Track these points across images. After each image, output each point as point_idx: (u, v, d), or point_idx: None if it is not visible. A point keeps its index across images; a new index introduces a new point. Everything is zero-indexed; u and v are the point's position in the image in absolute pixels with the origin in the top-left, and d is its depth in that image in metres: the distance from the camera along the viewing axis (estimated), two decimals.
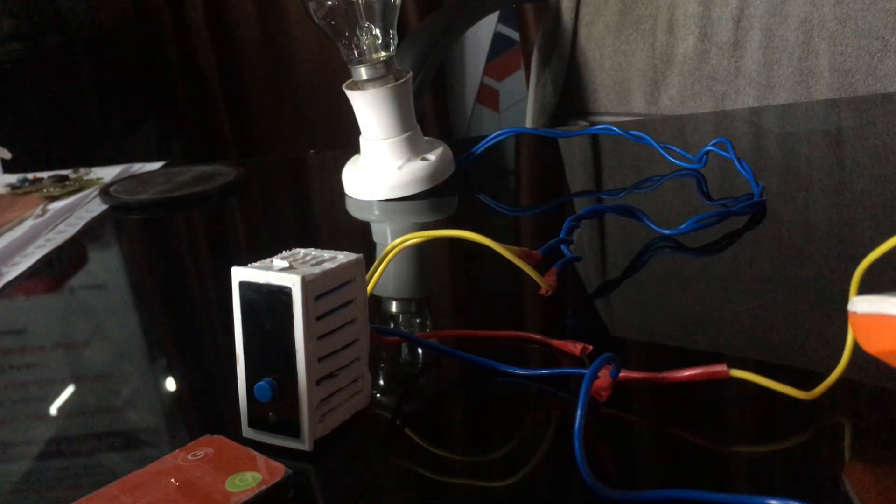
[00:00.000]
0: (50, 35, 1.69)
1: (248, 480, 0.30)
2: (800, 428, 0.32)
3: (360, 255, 0.34)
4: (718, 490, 0.28)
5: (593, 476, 0.29)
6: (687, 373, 0.34)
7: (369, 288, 0.42)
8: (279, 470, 0.31)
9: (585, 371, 0.36)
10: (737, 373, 0.33)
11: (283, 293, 0.31)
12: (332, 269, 0.32)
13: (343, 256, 0.33)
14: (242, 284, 0.31)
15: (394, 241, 0.44)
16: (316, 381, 0.32)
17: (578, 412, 0.31)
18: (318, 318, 0.32)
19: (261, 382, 0.32)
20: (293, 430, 0.32)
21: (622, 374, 0.35)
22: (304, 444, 0.33)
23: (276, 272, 0.31)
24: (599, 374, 0.34)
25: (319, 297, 0.31)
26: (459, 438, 0.36)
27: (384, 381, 0.39)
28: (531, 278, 0.43)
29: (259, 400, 0.33)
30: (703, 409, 0.35)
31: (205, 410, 0.39)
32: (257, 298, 0.31)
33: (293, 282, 0.30)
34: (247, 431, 0.34)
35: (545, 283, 0.43)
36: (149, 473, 0.31)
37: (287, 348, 0.31)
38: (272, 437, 0.33)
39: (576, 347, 0.38)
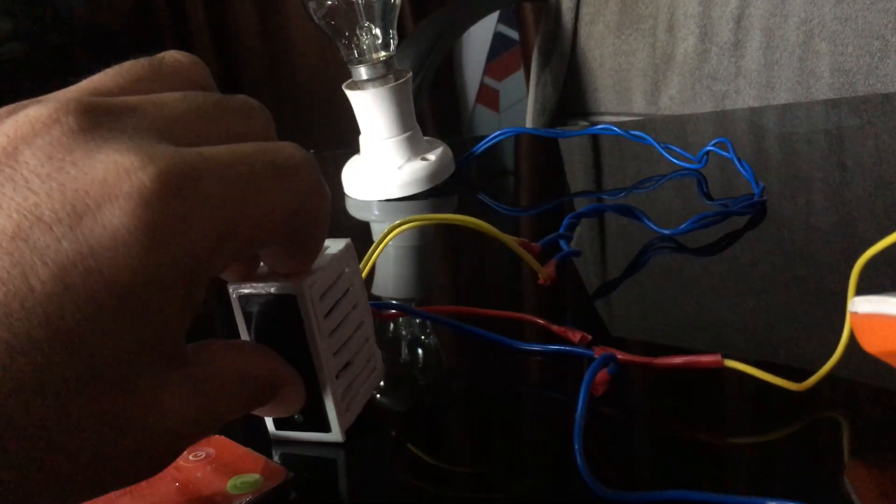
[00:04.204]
0: (50, 35, 1.69)
1: (250, 483, 0.31)
2: (795, 422, 0.33)
3: (349, 240, 0.34)
4: (714, 487, 0.28)
5: (593, 476, 0.29)
6: (680, 359, 0.34)
7: (367, 269, 0.42)
8: (280, 472, 0.31)
9: (587, 351, 0.36)
10: (730, 363, 0.33)
11: (288, 300, 0.30)
12: (327, 265, 0.32)
13: (332, 245, 0.33)
14: (242, 298, 0.31)
15: (392, 224, 0.44)
16: (335, 374, 0.32)
17: (578, 411, 0.31)
18: (326, 316, 0.31)
19: None
20: (323, 426, 0.33)
21: (618, 356, 0.35)
22: (337, 436, 0.33)
23: (275, 281, 0.30)
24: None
25: (323, 296, 0.31)
26: (453, 440, 0.36)
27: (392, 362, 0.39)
28: (531, 275, 0.43)
29: None
30: (699, 404, 0.35)
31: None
32: (259, 309, 0.31)
33: (296, 289, 0.30)
34: (274, 433, 0.34)
35: (543, 272, 0.43)
36: None
37: (301, 351, 0.31)
38: (301, 436, 0.33)
39: (575, 335, 0.38)
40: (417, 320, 0.43)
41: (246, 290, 0.31)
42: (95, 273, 0.21)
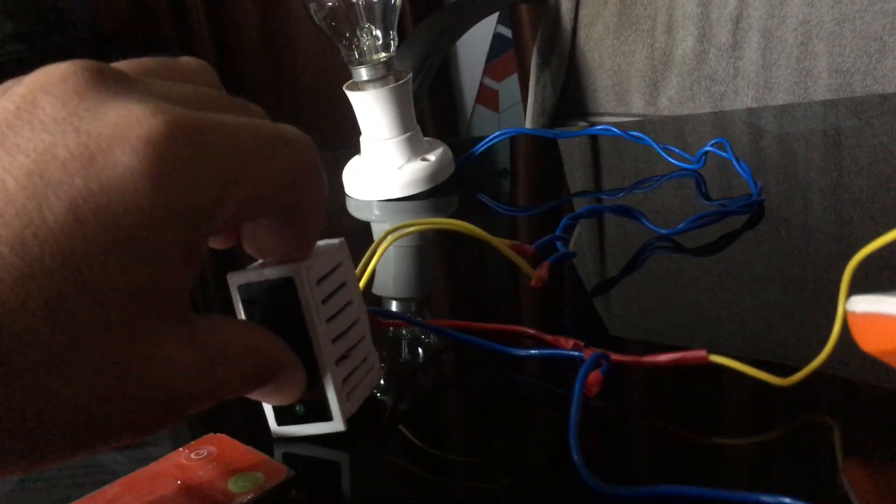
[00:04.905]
0: (52, 36, 1.69)
1: (251, 481, 0.31)
2: (784, 418, 0.33)
3: (342, 239, 0.35)
4: (707, 482, 0.28)
5: (589, 471, 0.29)
6: (666, 357, 0.34)
7: (365, 278, 0.43)
8: (282, 471, 0.31)
9: (578, 354, 0.36)
10: (715, 358, 0.34)
11: (286, 284, 0.31)
12: (322, 255, 0.33)
13: (325, 243, 0.34)
14: (241, 287, 0.32)
15: (386, 230, 0.44)
16: (335, 361, 0.32)
17: (573, 408, 0.31)
18: (323, 302, 0.32)
19: None
20: (324, 414, 0.33)
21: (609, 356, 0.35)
22: (339, 425, 0.33)
23: (272, 268, 0.31)
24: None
25: (319, 282, 0.32)
26: (452, 436, 0.36)
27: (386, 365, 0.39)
28: (526, 277, 0.44)
29: None
30: (692, 401, 0.35)
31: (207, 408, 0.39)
32: (259, 297, 0.32)
33: (293, 271, 0.31)
34: (276, 430, 0.34)
35: (535, 275, 0.43)
36: (151, 472, 0.32)
37: (300, 336, 0.31)
38: (303, 428, 0.34)
39: (568, 343, 0.38)
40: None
41: (245, 280, 0.32)
42: (105, 209, 0.22)
